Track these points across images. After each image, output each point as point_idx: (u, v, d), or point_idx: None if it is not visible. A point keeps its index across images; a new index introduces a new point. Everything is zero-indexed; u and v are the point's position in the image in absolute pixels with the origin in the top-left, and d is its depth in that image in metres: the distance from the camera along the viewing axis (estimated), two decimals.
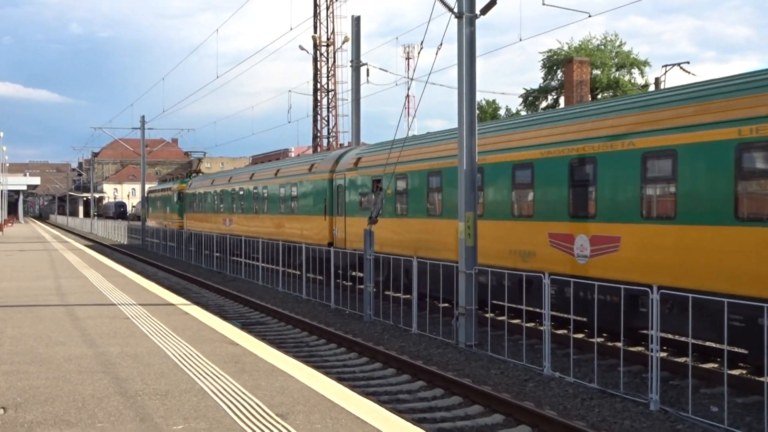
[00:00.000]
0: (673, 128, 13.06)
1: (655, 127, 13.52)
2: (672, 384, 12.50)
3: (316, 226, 27.95)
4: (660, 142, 13.36)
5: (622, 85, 55.71)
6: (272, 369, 9.59)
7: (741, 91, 12.14)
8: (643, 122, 13.92)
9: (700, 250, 12.46)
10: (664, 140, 13.26)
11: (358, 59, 30.78)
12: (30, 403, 7.87)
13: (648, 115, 13.88)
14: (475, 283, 15.74)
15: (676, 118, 13.12)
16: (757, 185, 11.81)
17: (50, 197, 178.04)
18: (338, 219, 26.12)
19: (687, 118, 12.92)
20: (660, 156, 13.42)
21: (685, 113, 12.98)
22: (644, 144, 13.69)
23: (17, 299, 16.87)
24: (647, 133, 13.66)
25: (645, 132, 13.72)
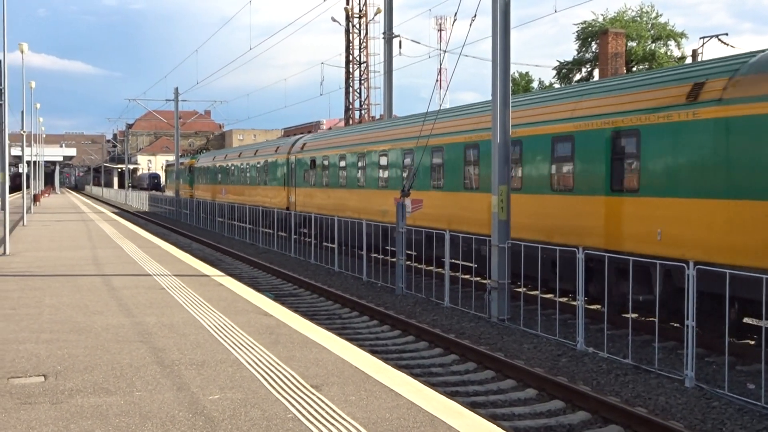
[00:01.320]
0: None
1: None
2: (708, 361, 12.39)
3: (278, 194, 36.38)
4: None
5: (658, 58, 54.87)
6: (306, 340, 9.65)
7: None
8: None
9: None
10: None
11: (390, 31, 30.63)
12: (70, 371, 8.00)
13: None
14: (508, 257, 15.68)
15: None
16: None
17: (85, 168, 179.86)
18: (291, 189, 34.54)
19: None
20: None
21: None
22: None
23: (55, 269, 17.12)
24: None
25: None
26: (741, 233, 12.02)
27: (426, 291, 18.71)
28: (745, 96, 12.08)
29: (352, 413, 6.65)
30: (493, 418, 8.94)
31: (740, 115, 12.14)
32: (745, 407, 9.91)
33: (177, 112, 60.74)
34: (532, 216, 16.95)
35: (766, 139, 11.65)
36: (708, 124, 12.75)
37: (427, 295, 18.44)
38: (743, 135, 12.11)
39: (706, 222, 12.67)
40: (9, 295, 13.37)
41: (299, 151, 33.75)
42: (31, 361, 8.47)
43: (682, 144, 13.32)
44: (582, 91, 16.93)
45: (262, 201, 38.05)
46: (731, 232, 12.17)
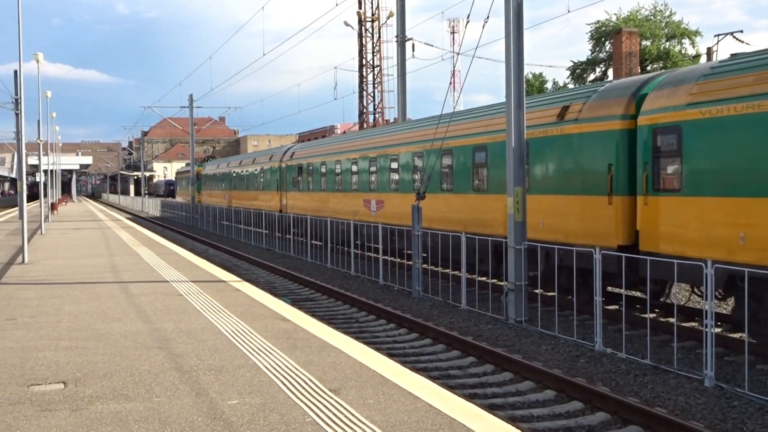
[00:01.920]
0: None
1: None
2: (727, 360, 12.31)
3: (273, 198, 40.31)
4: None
5: (673, 56, 54.59)
6: (323, 345, 9.66)
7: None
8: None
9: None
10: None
11: (403, 34, 30.64)
12: (89, 378, 8.05)
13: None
14: (524, 259, 15.65)
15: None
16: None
17: (102, 176, 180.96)
18: (283, 193, 38.40)
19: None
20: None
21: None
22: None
23: (73, 276, 17.23)
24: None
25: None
26: (588, 221, 15.85)
27: (443, 293, 18.70)
28: (591, 117, 15.94)
29: (371, 417, 6.65)
30: (512, 420, 8.93)
31: (588, 131, 15.96)
32: (766, 406, 9.83)
33: (192, 118, 61.06)
34: (458, 212, 20.97)
35: (601, 150, 15.57)
36: (569, 138, 16.49)
37: (443, 297, 18.42)
38: (589, 146, 15.90)
39: (569, 213, 16.45)
40: (28, 303, 13.47)
41: (289, 159, 37.74)
42: (50, 369, 8.52)
43: (555, 153, 16.96)
44: (493, 111, 20.27)
45: (260, 205, 41.86)
46: (583, 220, 15.97)
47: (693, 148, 13.31)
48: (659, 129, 14.10)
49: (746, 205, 12.20)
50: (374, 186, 26.82)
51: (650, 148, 14.31)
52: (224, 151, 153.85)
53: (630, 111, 15.19)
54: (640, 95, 15.19)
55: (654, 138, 14.25)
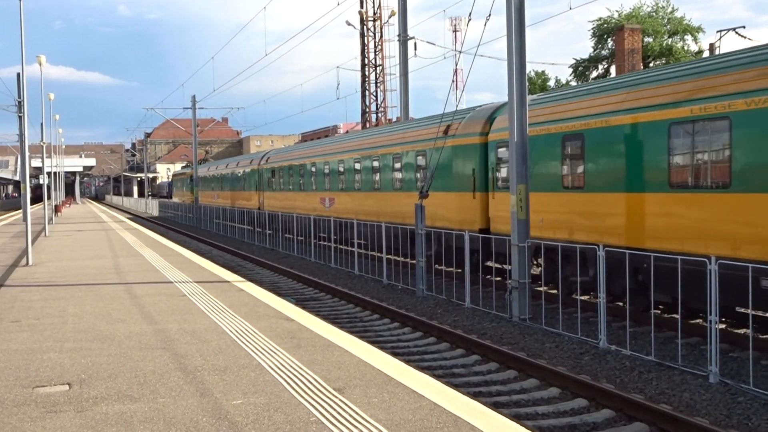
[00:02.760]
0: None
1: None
2: (731, 356, 12.30)
3: (253, 197, 44.93)
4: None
5: (675, 52, 54.52)
6: (328, 344, 9.67)
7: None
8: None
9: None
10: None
11: (405, 33, 30.64)
12: (94, 379, 8.07)
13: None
14: (528, 257, 15.65)
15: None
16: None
17: (105, 178, 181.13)
18: (261, 193, 43.03)
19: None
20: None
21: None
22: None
23: (78, 278, 17.26)
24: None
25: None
26: (462, 212, 20.98)
27: (447, 292, 18.70)
28: (463, 133, 21.08)
29: (375, 415, 6.66)
30: (517, 418, 8.92)
31: (461, 144, 21.13)
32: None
33: (194, 119, 61.06)
34: (385, 206, 25.98)
35: (468, 158, 20.79)
36: (450, 149, 21.31)
37: (447, 296, 18.42)
38: (462, 155, 21.12)
39: (451, 206, 21.53)
40: (32, 305, 13.49)
41: (265, 163, 42.80)
42: (55, 370, 8.54)
43: (443, 160, 21.04)
44: (404, 127, 26.27)
45: (243, 204, 46.79)
46: (459, 211, 20.86)
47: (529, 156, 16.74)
48: (499, 143, 19.04)
49: (542, 198, 17.03)
50: (327, 186, 32.21)
51: (495, 157, 19.46)
52: (227, 152, 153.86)
53: (485, 130, 20.25)
54: (493, 118, 20.14)
55: (496, 150, 19.34)
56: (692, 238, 13.06)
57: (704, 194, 13.00)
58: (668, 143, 13.68)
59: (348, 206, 29.24)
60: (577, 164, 16.54)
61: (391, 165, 25.86)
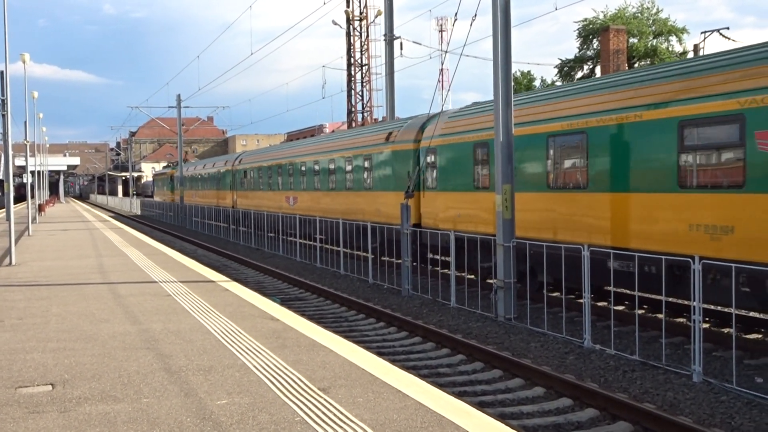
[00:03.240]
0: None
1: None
2: (715, 355, 12.38)
3: (227, 196, 47.90)
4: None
5: (660, 53, 54.79)
6: (313, 344, 9.66)
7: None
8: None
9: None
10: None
11: (391, 33, 30.65)
12: (77, 380, 8.02)
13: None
14: (513, 256, 15.68)
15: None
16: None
17: (90, 177, 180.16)
18: (235, 192, 46.20)
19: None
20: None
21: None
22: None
23: (61, 278, 17.16)
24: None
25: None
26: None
27: (432, 292, 18.72)
28: (401, 140, 24.05)
29: (360, 415, 6.65)
30: (502, 417, 8.94)
31: (399, 149, 24.09)
32: (753, 401, 9.89)
33: (180, 118, 60.87)
34: (339, 204, 28.79)
35: (405, 161, 23.52)
36: (391, 153, 24.60)
37: (433, 295, 18.44)
38: (400, 159, 23.99)
39: (392, 203, 23.17)
40: (15, 305, 13.40)
41: (238, 164, 45.81)
42: (38, 371, 8.49)
43: (385, 163, 24.88)
44: (355, 133, 30.23)
45: (219, 202, 49.66)
46: (397, 208, 20.48)
47: (440, 162, 21.42)
48: (427, 149, 21.71)
49: (459, 196, 20.41)
50: (292, 186, 35.06)
51: (424, 161, 22.20)
52: (212, 151, 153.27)
53: (418, 137, 23.11)
54: (424, 127, 22.88)
55: (425, 155, 22.02)
56: (562, 229, 16.10)
57: (570, 194, 16.09)
58: (546, 153, 16.73)
59: (309, 204, 32.35)
60: (485, 168, 19.33)
61: (344, 167, 28.78)
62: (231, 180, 47.23)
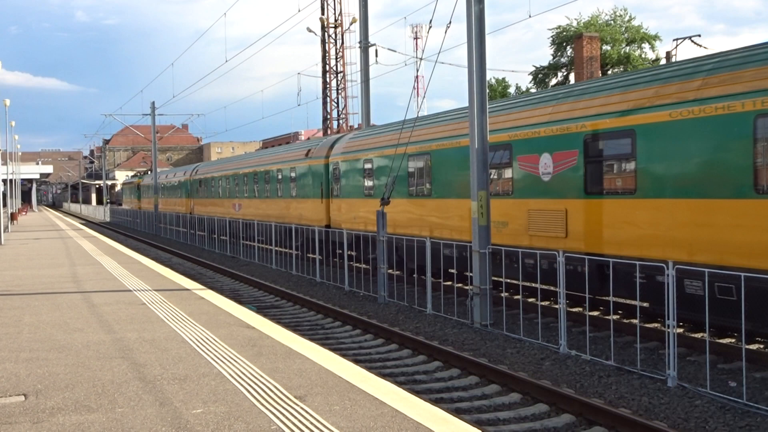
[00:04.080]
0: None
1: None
2: (689, 360, 12.47)
3: (186, 203, 52.74)
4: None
5: (633, 60, 55.28)
6: (289, 352, 9.62)
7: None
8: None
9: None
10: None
11: (366, 40, 30.66)
12: (50, 390, 7.93)
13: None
14: (489, 263, 15.73)
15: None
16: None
17: (63, 185, 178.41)
18: (192, 200, 50.81)
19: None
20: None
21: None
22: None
23: (34, 287, 16.98)
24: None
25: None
26: (316, 212, 28.29)
27: (408, 299, 18.72)
28: (316, 156, 28.91)
29: (336, 423, 6.63)
30: (478, 424, 8.96)
31: (315, 164, 28.84)
32: (727, 405, 9.98)
33: (154, 126, 60.51)
34: (273, 209, 33.66)
35: (319, 174, 28.15)
36: (309, 167, 29.58)
37: (409, 302, 18.44)
38: (316, 172, 28.65)
39: (310, 209, 28.92)
40: None
41: (195, 174, 51.01)
42: (10, 381, 8.38)
43: (306, 175, 29.90)
44: (284, 150, 36.04)
45: (179, 209, 53.94)
46: (314, 212, 28.09)
47: (343, 175, 26.40)
48: (333, 164, 27.21)
49: (354, 202, 25.41)
50: (237, 194, 39.95)
51: (332, 174, 27.31)
52: (187, 158, 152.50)
53: (329, 154, 27.90)
54: (333, 145, 27.89)
55: (334, 169, 27.17)
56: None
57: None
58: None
59: (251, 210, 37.16)
60: (370, 180, 24.36)
61: (276, 178, 33.78)
62: (189, 189, 52.37)
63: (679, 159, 12.87)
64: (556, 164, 15.89)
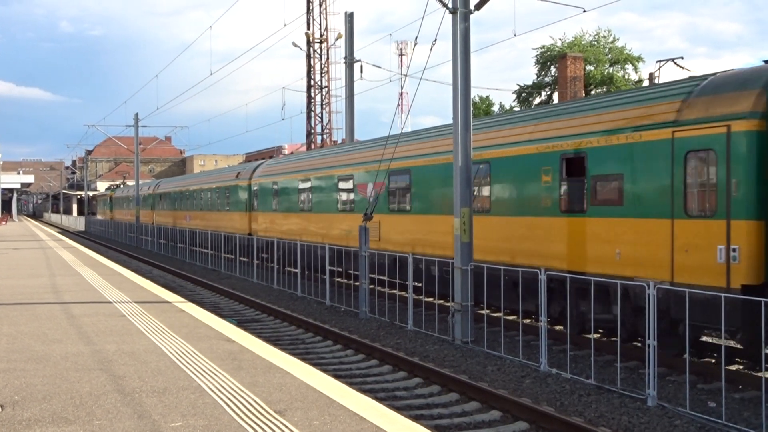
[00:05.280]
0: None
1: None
2: (669, 379, 12.52)
3: (149, 215, 57.88)
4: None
5: (616, 81, 55.70)
6: (269, 366, 9.57)
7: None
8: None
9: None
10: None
11: (351, 56, 30.78)
12: (28, 401, 7.84)
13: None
14: (471, 279, 15.74)
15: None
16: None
17: (44, 195, 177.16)
18: (155, 212, 57.45)
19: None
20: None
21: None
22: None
23: (13, 297, 16.82)
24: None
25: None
26: (240, 223, 36.21)
27: (390, 314, 18.69)
28: (242, 178, 36.48)
29: None
30: None
31: (241, 185, 36.46)
32: (706, 425, 10.01)
33: (137, 137, 60.27)
34: (216, 221, 40.45)
35: (244, 192, 36.00)
36: (237, 187, 37.10)
37: (390, 318, 18.41)
38: (242, 191, 36.31)
39: (237, 219, 36.86)
40: None
41: (156, 189, 58.60)
42: None
43: (235, 194, 37.29)
44: (222, 171, 45.29)
45: (144, 220, 58.20)
46: (240, 223, 35.96)
47: (259, 194, 33.77)
48: (253, 186, 34.46)
49: (267, 215, 32.09)
50: (188, 207, 47.44)
51: (253, 192, 34.61)
52: (170, 171, 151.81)
53: (251, 176, 35.10)
54: (255, 170, 35.05)
55: (255, 189, 34.14)
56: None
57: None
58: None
59: (197, 221, 44.17)
60: (276, 199, 31.65)
61: (214, 195, 41.69)
62: (152, 201, 59.22)
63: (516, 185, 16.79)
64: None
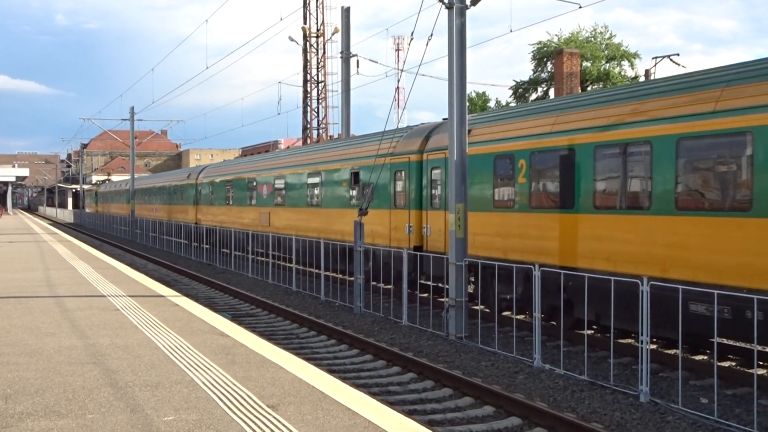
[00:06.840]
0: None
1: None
2: (662, 376, 12.55)
3: (128, 208, 61.98)
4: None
5: (613, 77, 55.72)
6: (263, 360, 9.58)
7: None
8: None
9: None
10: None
11: (348, 50, 30.71)
12: (20, 395, 7.84)
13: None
14: (465, 275, 15.75)
15: None
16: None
17: (39, 189, 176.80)
18: (133, 203, 61.25)
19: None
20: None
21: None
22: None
23: (6, 290, 16.80)
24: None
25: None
26: (189, 214, 44.81)
27: (384, 310, 18.70)
28: (190, 178, 45.33)
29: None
30: None
31: (189, 183, 45.46)
32: (698, 421, 10.04)
33: (132, 131, 60.24)
34: (176, 213, 48.33)
35: (190, 191, 44.96)
36: (188, 185, 45.65)
37: (385, 313, 18.43)
38: (190, 190, 45.10)
39: (190, 212, 44.57)
40: None
41: (134, 185, 64.78)
42: None
43: (186, 190, 45.97)
44: (181, 171, 58.91)
45: (123, 213, 64.49)
46: (187, 213, 45.51)
47: (205, 191, 42.14)
48: (199, 185, 42.62)
49: (216, 209, 39.75)
50: (155, 201, 56.15)
51: (199, 192, 42.78)
52: (165, 165, 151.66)
53: (198, 177, 43.16)
54: (200, 172, 43.69)
55: (200, 187, 42.87)
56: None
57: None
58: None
59: (161, 213, 51.95)
60: (229, 195, 37.27)
61: (171, 191, 49.83)
62: (130, 197, 66.67)
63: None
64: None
